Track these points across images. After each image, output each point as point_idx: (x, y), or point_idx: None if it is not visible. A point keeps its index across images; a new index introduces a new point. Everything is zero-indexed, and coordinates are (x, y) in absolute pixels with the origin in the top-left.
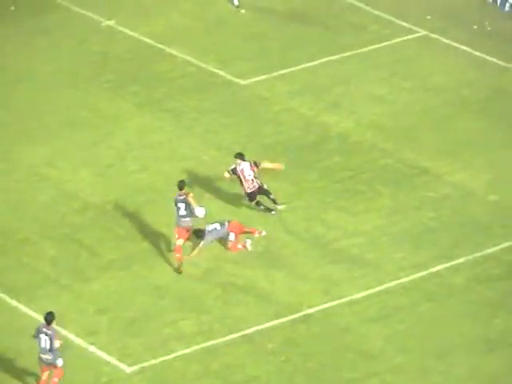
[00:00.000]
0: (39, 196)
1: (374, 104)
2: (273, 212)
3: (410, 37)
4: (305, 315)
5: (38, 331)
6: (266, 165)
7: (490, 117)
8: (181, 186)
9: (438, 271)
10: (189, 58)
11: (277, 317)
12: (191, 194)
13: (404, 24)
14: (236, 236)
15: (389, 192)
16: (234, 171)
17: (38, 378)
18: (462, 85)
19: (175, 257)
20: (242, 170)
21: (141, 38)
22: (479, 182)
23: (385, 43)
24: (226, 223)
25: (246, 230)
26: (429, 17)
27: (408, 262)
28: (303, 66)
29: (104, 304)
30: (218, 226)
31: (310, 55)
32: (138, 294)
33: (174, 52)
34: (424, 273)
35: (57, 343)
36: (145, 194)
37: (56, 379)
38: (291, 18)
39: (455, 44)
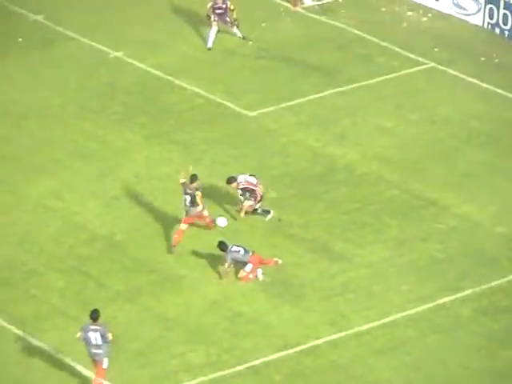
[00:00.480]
0: (46, 228)
1: (380, 136)
2: (269, 215)
3: (417, 68)
4: (312, 347)
5: (86, 330)
6: None
7: (497, 149)
8: (193, 179)
9: (444, 303)
10: (197, 90)
11: (284, 348)
12: (199, 194)
13: (411, 56)
14: (253, 268)
15: (396, 224)
16: (245, 191)
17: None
18: (470, 117)
19: (174, 237)
20: (246, 181)
21: (149, 69)
22: (486, 213)
23: (392, 75)
24: (250, 253)
25: (265, 261)
26: (436, 49)
27: (415, 294)
28: (310, 97)
29: (111, 335)
30: (242, 251)
31: (317, 87)
32: (146, 325)
33: (182, 84)
34: (431, 305)
35: (109, 335)
36: (153, 226)
37: (101, 379)
38: (298, 49)
39: (463, 76)
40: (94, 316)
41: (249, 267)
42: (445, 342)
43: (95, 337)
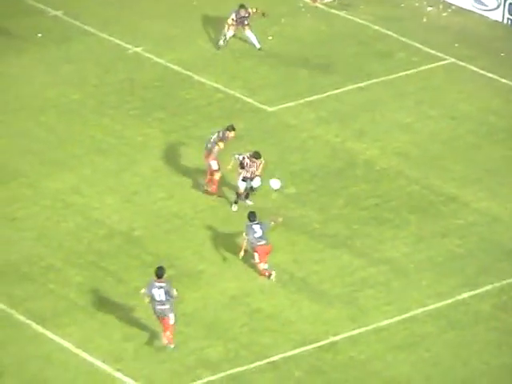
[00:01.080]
0: (65, 223)
1: (400, 132)
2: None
3: (436, 64)
4: (331, 343)
5: (151, 287)
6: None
7: None
8: (231, 128)
9: (464, 299)
10: (216, 85)
11: (303, 344)
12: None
13: (431, 51)
14: (259, 258)
15: (415, 219)
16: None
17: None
18: (489, 113)
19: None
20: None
21: (168, 64)
22: (505, 209)
23: (412, 71)
24: (263, 241)
25: (262, 257)
26: (456, 44)
27: (434, 290)
28: (330, 93)
29: (130, 331)
30: (259, 233)
31: (337, 82)
32: None
33: (201, 79)
34: (450, 300)
35: (174, 291)
36: (171, 222)
37: (169, 334)
38: (318, 45)
39: (482, 72)
40: (159, 273)
41: (256, 257)
42: (464, 337)
43: (159, 293)
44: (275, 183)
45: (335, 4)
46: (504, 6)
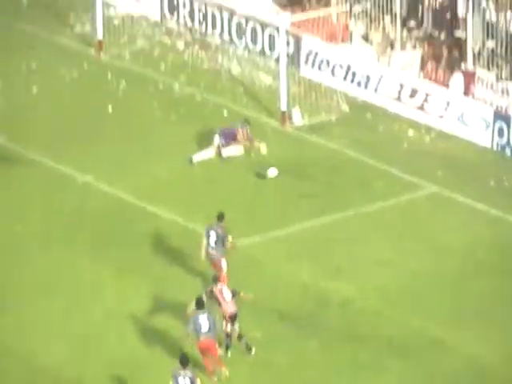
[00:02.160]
0: (7, 374)
1: (379, 268)
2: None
3: (419, 194)
4: None
5: (176, 375)
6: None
7: (507, 281)
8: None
9: None
10: (174, 218)
11: None
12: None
13: (413, 179)
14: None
15: (396, 366)
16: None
17: None
18: (478, 247)
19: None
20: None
21: (121, 195)
22: (496, 354)
23: (392, 201)
24: (210, 333)
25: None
26: (440, 172)
27: None
28: (301, 226)
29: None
30: (206, 324)
31: (309, 214)
32: None
33: (157, 211)
34: None
35: (198, 382)
36: (125, 369)
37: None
38: (287, 170)
39: (469, 202)
40: (184, 361)
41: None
42: None
43: (184, 382)
44: (272, 171)
45: (305, 128)
46: (493, 128)
